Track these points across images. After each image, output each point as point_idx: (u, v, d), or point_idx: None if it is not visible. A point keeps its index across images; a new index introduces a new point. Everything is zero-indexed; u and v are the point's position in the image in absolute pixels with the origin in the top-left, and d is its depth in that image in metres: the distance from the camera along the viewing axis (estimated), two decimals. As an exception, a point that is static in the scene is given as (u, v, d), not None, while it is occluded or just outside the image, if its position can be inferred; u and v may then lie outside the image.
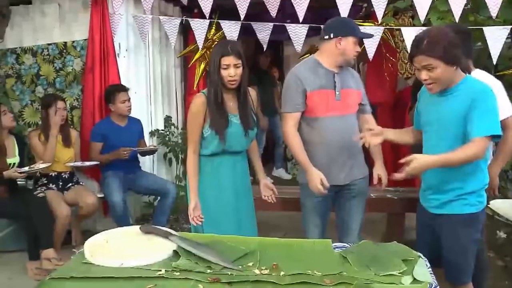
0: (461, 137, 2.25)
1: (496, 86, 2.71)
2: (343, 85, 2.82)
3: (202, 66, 5.04)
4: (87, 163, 4.07)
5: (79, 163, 4.07)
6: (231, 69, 2.61)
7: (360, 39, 2.94)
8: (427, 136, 2.44)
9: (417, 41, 2.24)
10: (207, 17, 4.36)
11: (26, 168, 3.71)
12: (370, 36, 3.13)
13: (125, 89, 4.25)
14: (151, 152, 4.46)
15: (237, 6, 4.26)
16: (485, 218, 2.44)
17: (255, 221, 2.97)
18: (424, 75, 2.25)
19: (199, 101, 2.70)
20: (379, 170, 2.95)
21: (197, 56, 5.02)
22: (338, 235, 3.02)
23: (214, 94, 2.66)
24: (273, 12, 4.30)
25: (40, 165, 3.77)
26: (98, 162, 4.12)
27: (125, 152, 4.06)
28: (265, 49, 4.73)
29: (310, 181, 2.75)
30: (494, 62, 4.10)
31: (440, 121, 2.33)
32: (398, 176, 2.23)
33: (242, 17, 4.29)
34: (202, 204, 2.73)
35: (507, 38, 4.21)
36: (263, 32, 4.52)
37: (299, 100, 2.78)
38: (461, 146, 2.22)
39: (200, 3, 4.24)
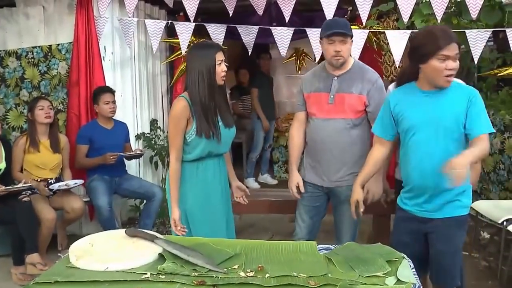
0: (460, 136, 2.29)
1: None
2: (341, 89, 2.79)
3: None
4: (71, 183, 4.01)
5: (63, 184, 4.01)
6: (223, 64, 2.63)
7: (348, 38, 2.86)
8: (418, 142, 2.34)
9: (443, 31, 2.24)
10: (192, 20, 4.35)
11: (9, 187, 3.68)
12: (337, 33, 2.69)
13: (110, 91, 4.25)
14: (137, 156, 4.45)
15: (225, 5, 4.27)
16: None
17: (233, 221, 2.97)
18: (453, 64, 2.22)
19: (181, 105, 2.61)
20: (370, 184, 2.76)
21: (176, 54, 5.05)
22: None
23: (209, 95, 2.60)
24: (260, 11, 4.31)
25: (24, 185, 3.74)
26: (82, 181, 4.10)
27: (112, 157, 4.04)
28: (250, 52, 4.72)
29: (288, 182, 3.00)
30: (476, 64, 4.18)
31: (439, 121, 2.28)
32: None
33: (230, 14, 4.28)
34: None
35: (489, 41, 4.28)
36: (249, 35, 4.53)
37: (300, 101, 2.99)
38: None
39: (185, 6, 4.23)
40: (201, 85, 2.60)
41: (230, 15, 4.30)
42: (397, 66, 4.52)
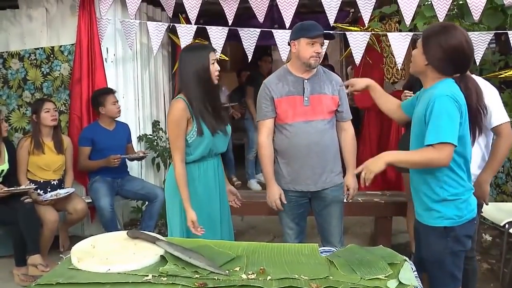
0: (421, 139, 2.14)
1: (491, 92, 2.74)
2: (314, 90, 2.83)
3: None
4: (62, 192, 3.97)
5: (54, 193, 3.96)
6: (216, 64, 2.67)
7: (329, 39, 2.94)
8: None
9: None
10: (193, 23, 4.35)
11: (12, 188, 3.68)
12: (326, 34, 2.83)
13: (113, 92, 4.26)
14: (140, 158, 4.45)
15: (225, 11, 4.27)
16: (471, 230, 2.24)
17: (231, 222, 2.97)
18: None
19: (180, 106, 2.61)
20: (349, 180, 2.95)
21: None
22: (321, 240, 3.05)
23: (206, 94, 2.62)
24: (261, 18, 4.31)
25: (27, 186, 3.76)
26: (74, 190, 4.07)
27: (115, 160, 4.05)
28: (249, 58, 4.67)
29: (269, 195, 2.89)
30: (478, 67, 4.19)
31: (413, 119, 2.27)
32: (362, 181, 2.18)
33: (230, 22, 4.29)
34: (195, 211, 2.64)
35: (491, 43, 4.27)
36: (250, 39, 4.48)
37: (268, 107, 2.86)
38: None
39: (186, 9, 4.23)
40: (198, 84, 2.63)
41: (230, 23, 4.29)
42: (398, 68, 4.52)
